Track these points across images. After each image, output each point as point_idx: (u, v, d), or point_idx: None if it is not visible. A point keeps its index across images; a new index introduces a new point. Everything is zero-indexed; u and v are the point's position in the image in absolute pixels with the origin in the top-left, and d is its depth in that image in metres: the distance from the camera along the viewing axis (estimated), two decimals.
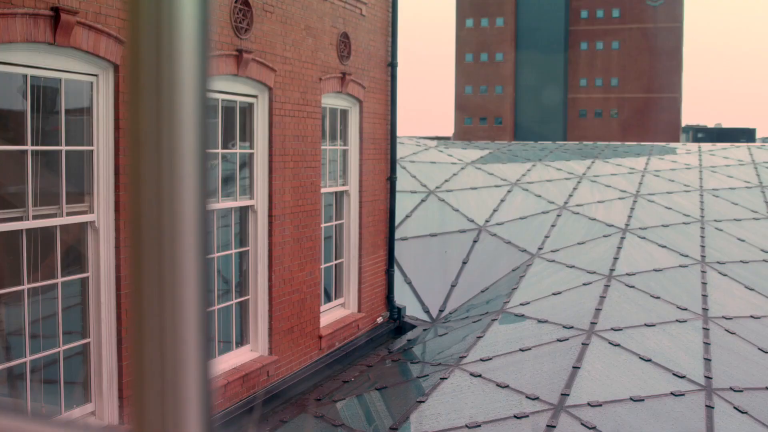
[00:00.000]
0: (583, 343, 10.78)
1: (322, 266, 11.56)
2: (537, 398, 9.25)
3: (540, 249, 15.35)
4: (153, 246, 0.80)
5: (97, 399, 7.29)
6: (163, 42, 0.79)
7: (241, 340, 9.75)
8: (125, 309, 7.31)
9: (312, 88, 10.79)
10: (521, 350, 10.92)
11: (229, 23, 8.76)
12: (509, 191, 18.16)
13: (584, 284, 13.37)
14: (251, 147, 9.68)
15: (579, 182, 18.98)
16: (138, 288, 0.82)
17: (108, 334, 7.26)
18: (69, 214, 7.00)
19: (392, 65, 13.44)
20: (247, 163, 9.67)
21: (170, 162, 0.79)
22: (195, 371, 0.84)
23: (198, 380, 0.84)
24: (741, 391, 9.88)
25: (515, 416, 8.84)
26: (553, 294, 13.20)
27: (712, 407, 9.36)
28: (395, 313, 13.82)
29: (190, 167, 0.80)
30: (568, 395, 9.27)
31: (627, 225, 16.07)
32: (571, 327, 11.46)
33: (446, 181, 18.47)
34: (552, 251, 15.18)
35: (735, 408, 9.44)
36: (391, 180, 13.84)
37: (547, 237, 15.85)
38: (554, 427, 8.53)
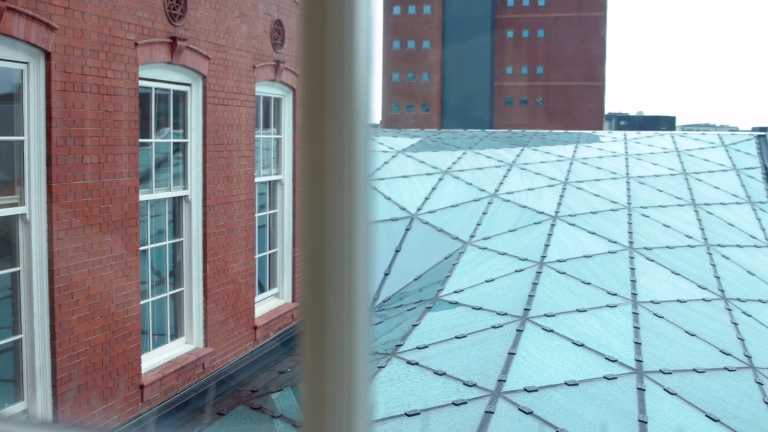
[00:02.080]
0: (517, 330, 10.92)
1: (257, 256, 11.45)
2: (474, 385, 9.34)
3: (472, 237, 15.48)
4: (336, 261, 0.86)
5: (30, 397, 7.10)
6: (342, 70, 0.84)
7: (176, 333, 9.61)
8: (58, 303, 7.12)
9: (246, 76, 10.65)
10: (457, 337, 11.01)
11: (163, 10, 8.58)
12: (440, 179, 18.25)
13: (517, 271, 13.54)
14: (185, 136, 9.51)
15: (509, 170, 19.18)
16: (317, 299, 0.87)
17: (41, 329, 7.07)
18: None
19: None
20: (180, 152, 9.50)
21: (351, 185, 0.86)
22: (363, 377, 0.88)
23: (365, 389, 0.89)
24: (670, 373, 10.14)
25: (454, 403, 8.90)
26: (487, 281, 13.33)
27: (644, 390, 9.58)
28: None
29: (362, 189, 0.87)
30: (504, 381, 9.37)
31: (557, 212, 16.31)
32: (505, 314, 11.60)
33: (377, 169, 18.48)
34: (484, 239, 15.32)
35: (665, 390, 9.68)
36: None
37: (478, 225, 15.98)
38: (492, 413, 8.63)
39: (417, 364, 10.20)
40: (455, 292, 13.00)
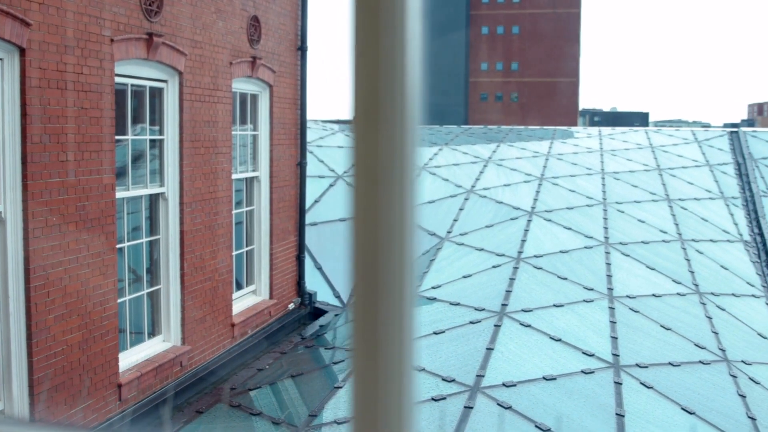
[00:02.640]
0: (495, 325, 10.97)
1: (234, 253, 11.40)
2: (453, 380, 9.36)
3: (449, 232, 15.52)
4: (387, 262, 0.90)
5: (7, 397, 7.03)
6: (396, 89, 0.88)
7: (153, 331, 9.55)
8: (34, 302, 7.06)
9: (222, 72, 10.60)
10: (435, 333, 11.03)
11: (139, 6, 8.51)
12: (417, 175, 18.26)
13: (494, 267, 13.59)
14: (161, 133, 9.45)
15: (485, 166, 19.25)
16: (370, 299, 0.91)
17: (17, 328, 7.00)
18: None
19: (302, 49, 13.32)
20: (157, 149, 9.44)
21: (402, 192, 0.90)
22: (411, 378, 0.93)
23: (413, 389, 0.93)
24: (646, 367, 10.23)
25: (433, 399, 8.93)
26: (464, 277, 13.38)
27: (620, 383, 9.66)
28: (307, 298, 13.77)
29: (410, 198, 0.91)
30: (483, 376, 9.41)
31: (533, 208, 16.39)
32: (483, 309, 11.64)
33: (353, 166, 18.45)
34: (461, 234, 15.37)
35: (641, 383, 9.76)
36: (302, 165, 13.75)
37: (455, 220, 16.03)
38: (471, 408, 8.66)
39: None
40: (433, 288, 13.03)
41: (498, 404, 8.82)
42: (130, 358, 8.81)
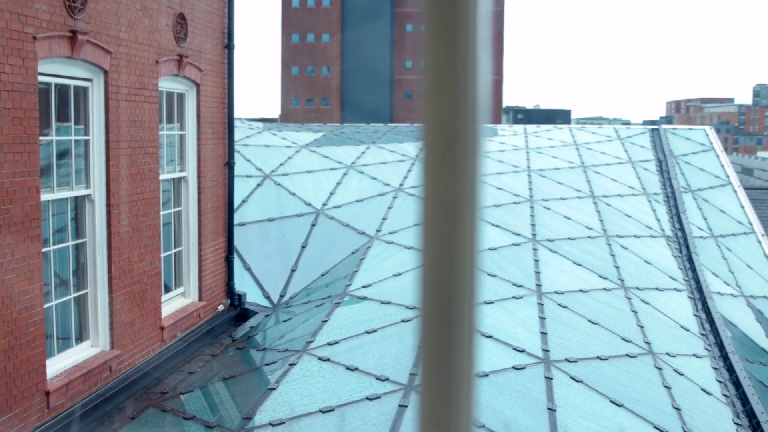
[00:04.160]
0: None
1: (162, 255, 11.21)
2: (387, 379, 9.38)
3: (378, 231, 15.54)
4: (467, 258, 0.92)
5: None
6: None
7: (81, 336, 9.32)
8: None
9: (149, 71, 10.40)
10: (367, 332, 11.03)
11: (63, 2, 8.28)
12: (345, 174, 18.24)
13: None
14: (87, 133, 9.22)
15: (413, 164, 19.31)
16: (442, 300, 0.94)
17: None
18: None
19: (229, 47, 13.17)
20: (83, 150, 9.21)
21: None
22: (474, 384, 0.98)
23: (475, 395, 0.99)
24: (575, 361, 10.41)
25: (367, 398, 8.92)
26: (394, 275, 13.40)
27: (551, 378, 9.81)
28: (236, 300, 13.63)
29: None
30: (416, 374, 9.44)
31: None
32: (414, 307, 11.68)
33: (281, 164, 18.33)
34: (390, 233, 15.39)
35: (571, 378, 9.93)
36: (229, 165, 13.60)
37: (384, 219, 16.05)
38: (406, 406, 8.68)
39: (329, 360, 10.18)
40: (363, 287, 13.02)
41: None
42: (57, 365, 8.59)
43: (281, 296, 14.18)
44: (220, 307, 13.14)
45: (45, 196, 8.28)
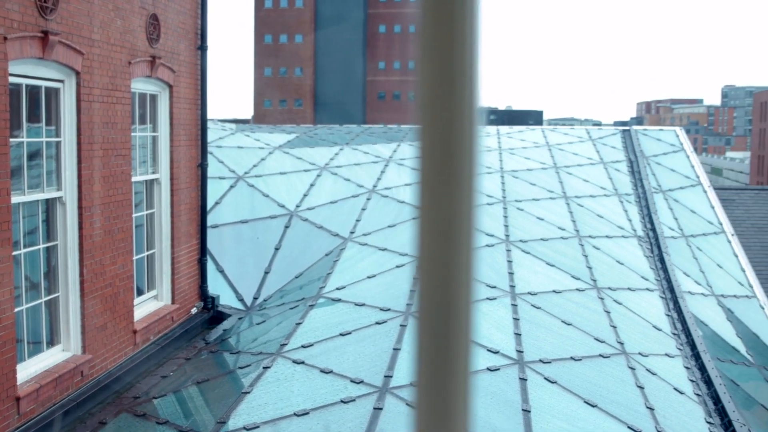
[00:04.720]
0: (401, 325, 11.01)
1: (135, 258, 11.12)
2: (362, 382, 9.36)
3: (352, 233, 15.52)
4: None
5: None
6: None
7: (52, 340, 9.21)
8: None
9: (121, 72, 10.32)
10: (342, 335, 11.01)
11: (34, 3, 8.19)
12: (318, 175, 18.21)
13: (398, 266, 13.65)
14: (58, 135, 9.12)
15: (386, 165, 19.32)
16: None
17: None
18: None
19: (202, 48, 13.10)
20: (54, 152, 9.11)
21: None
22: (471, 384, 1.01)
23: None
24: (549, 362, 10.45)
25: (342, 401, 8.90)
26: (368, 277, 13.39)
27: (525, 379, 9.84)
28: (209, 302, 13.55)
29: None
30: (391, 377, 9.43)
31: None
32: (389, 309, 11.68)
33: (255, 166, 18.26)
34: (364, 235, 15.39)
35: (545, 378, 9.97)
36: (202, 167, 13.53)
37: (358, 221, 16.04)
38: (381, 409, 8.67)
39: (303, 363, 10.15)
40: (337, 289, 13.00)
41: (407, 404, 8.85)
42: (28, 370, 8.48)
43: (255, 299, 14.12)
44: (194, 310, 13.06)
45: (15, 199, 8.18)
